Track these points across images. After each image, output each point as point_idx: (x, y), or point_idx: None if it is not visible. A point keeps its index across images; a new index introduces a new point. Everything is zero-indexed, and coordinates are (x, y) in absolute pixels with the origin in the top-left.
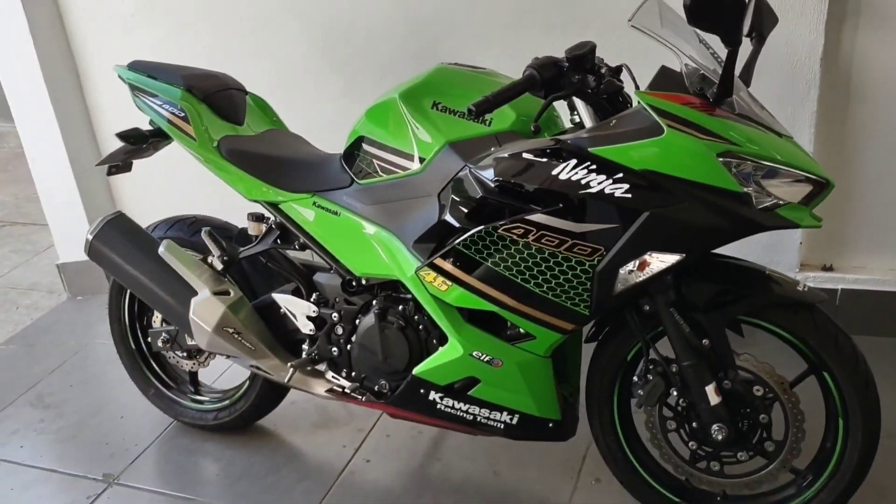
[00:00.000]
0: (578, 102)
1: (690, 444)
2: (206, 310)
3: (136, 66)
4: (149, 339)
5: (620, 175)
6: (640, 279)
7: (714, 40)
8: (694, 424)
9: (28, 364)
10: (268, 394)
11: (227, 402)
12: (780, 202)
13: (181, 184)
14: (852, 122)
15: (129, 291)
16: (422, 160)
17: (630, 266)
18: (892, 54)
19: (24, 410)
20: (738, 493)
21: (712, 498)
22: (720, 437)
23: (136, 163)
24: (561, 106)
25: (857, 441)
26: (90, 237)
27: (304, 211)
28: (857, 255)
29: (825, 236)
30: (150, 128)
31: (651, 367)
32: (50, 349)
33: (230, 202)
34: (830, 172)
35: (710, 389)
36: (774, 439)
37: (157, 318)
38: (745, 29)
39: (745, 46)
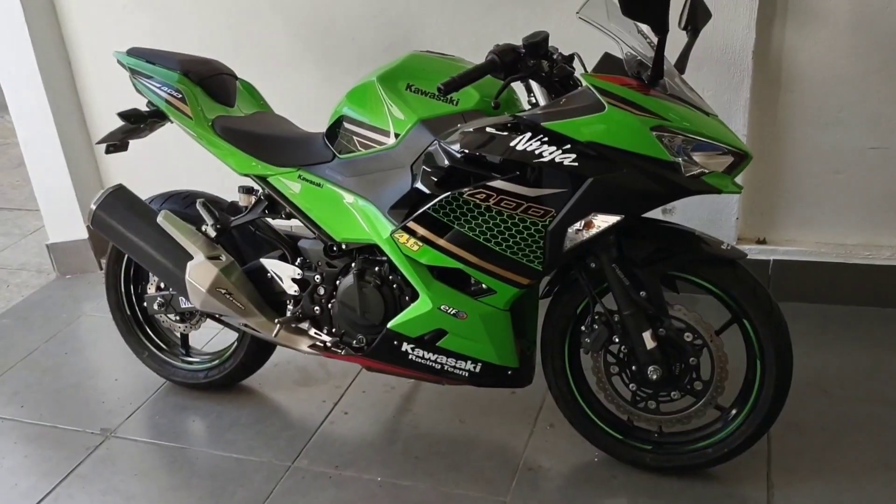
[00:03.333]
0: (534, 84)
1: (631, 385)
2: (200, 273)
3: (134, 53)
4: (144, 305)
5: (568, 146)
6: (586, 237)
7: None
8: (633, 368)
9: (23, 335)
10: (254, 354)
11: (216, 361)
12: (706, 171)
13: (167, 165)
14: (782, 109)
15: (125, 261)
16: (397, 136)
17: (577, 226)
18: (816, 49)
19: (22, 374)
20: (673, 429)
21: (650, 434)
22: (655, 377)
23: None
24: (521, 90)
25: (773, 378)
26: (94, 207)
27: (290, 183)
28: (788, 229)
29: (759, 212)
30: (147, 109)
31: (597, 317)
32: (43, 322)
33: (214, 182)
34: (762, 155)
35: (646, 335)
36: (702, 379)
37: (151, 285)
38: (681, 23)
39: (683, 38)
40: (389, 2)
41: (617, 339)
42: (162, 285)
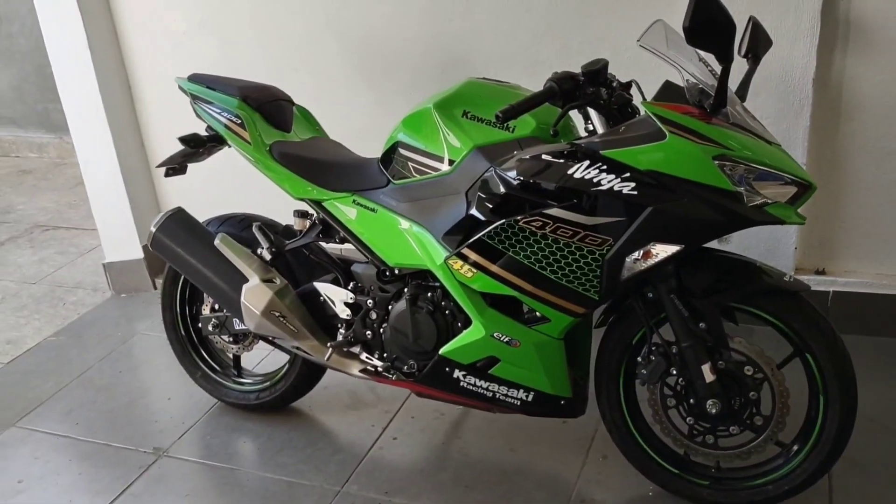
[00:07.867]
0: (592, 112)
1: (688, 419)
2: (255, 295)
3: (195, 79)
4: (198, 326)
5: (628, 174)
6: (644, 267)
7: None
8: (691, 401)
9: (78, 353)
10: (305, 376)
11: (267, 383)
12: (769, 201)
13: (222, 189)
14: (842, 138)
15: (181, 282)
16: (451, 162)
17: (635, 255)
18: (877, 77)
19: (77, 392)
20: (731, 465)
21: (707, 469)
22: (714, 412)
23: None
24: (577, 117)
25: (836, 414)
26: (153, 229)
27: (344, 208)
28: (847, 260)
29: (818, 242)
30: (206, 133)
31: (654, 348)
32: (98, 340)
33: (269, 205)
34: (821, 184)
35: (705, 368)
36: (763, 414)
37: (206, 306)
38: (742, 50)
39: (743, 66)
40: (442, 26)
41: (674, 371)
42: (216, 306)
